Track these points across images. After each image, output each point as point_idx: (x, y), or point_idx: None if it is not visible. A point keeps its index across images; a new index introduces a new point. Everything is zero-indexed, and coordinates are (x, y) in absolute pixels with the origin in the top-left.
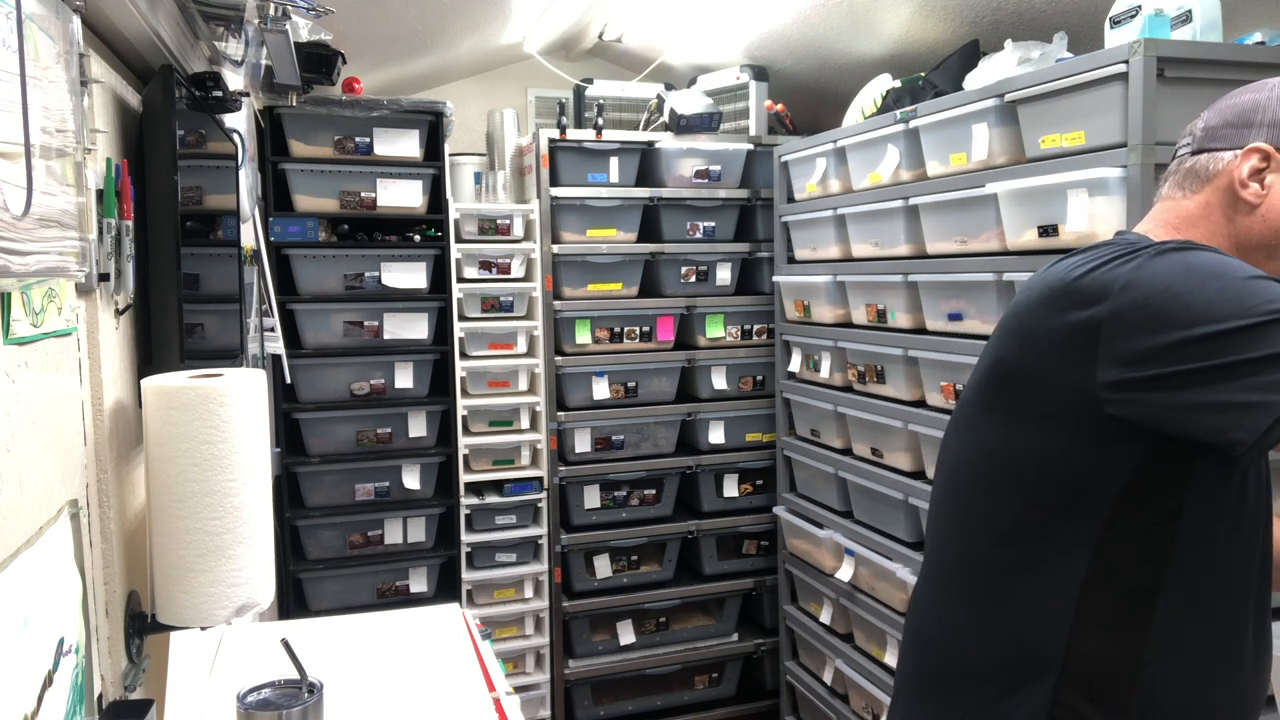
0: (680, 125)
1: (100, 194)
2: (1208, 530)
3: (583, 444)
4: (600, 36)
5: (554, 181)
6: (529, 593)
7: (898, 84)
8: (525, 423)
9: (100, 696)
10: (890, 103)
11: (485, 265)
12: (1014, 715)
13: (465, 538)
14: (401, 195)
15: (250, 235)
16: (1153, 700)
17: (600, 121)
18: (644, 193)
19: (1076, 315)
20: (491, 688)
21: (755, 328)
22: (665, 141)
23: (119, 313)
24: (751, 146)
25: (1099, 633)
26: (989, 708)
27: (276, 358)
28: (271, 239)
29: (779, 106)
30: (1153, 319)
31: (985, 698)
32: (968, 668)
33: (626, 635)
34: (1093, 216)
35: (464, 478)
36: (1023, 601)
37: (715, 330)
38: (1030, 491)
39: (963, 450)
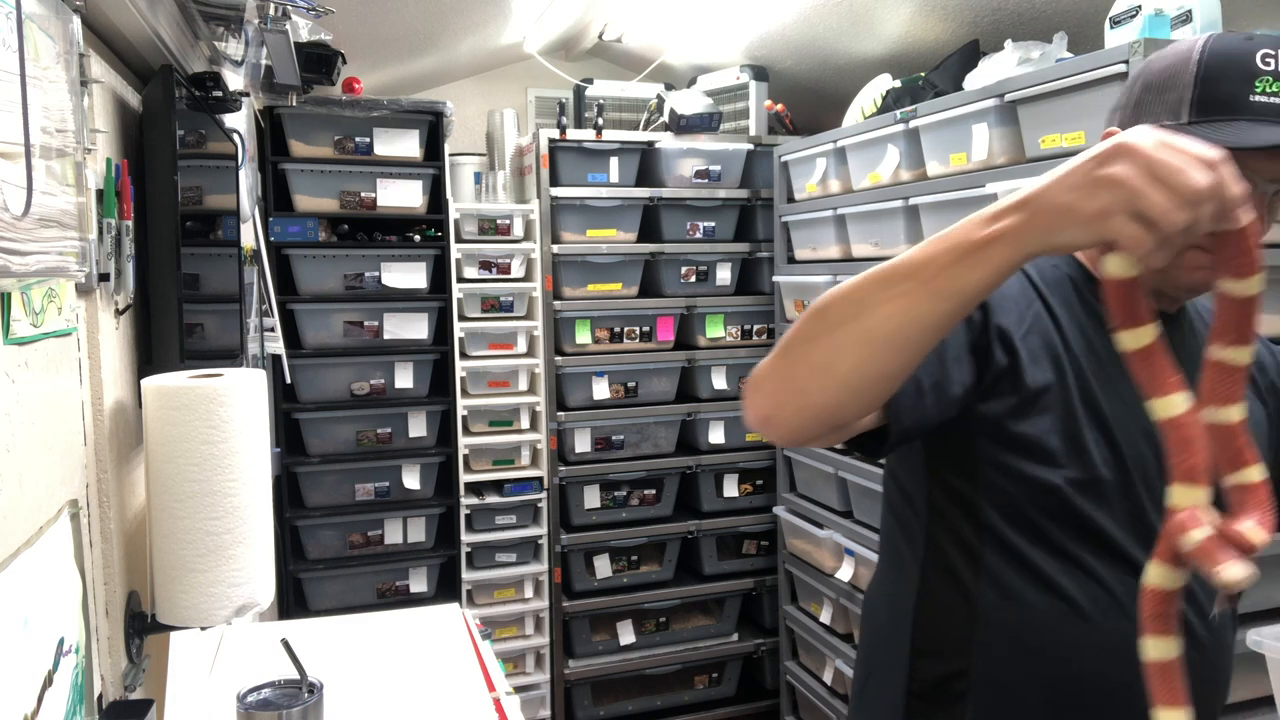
0: (680, 125)
1: (100, 194)
2: (1008, 518)
3: (583, 444)
4: (600, 36)
5: (554, 181)
6: (529, 593)
7: (898, 84)
8: (525, 423)
9: (100, 696)
10: (890, 103)
11: (485, 265)
12: (883, 693)
13: (465, 538)
14: (401, 195)
15: (250, 235)
16: (987, 680)
17: (600, 121)
18: (644, 193)
19: None
20: (491, 688)
21: (755, 328)
22: (665, 141)
23: (119, 313)
24: (751, 146)
25: (935, 620)
26: (859, 691)
27: (276, 358)
28: (271, 239)
29: (779, 106)
30: None
31: (858, 680)
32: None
33: (626, 635)
34: None
35: (464, 478)
36: (892, 589)
37: (715, 330)
38: (893, 485)
39: None
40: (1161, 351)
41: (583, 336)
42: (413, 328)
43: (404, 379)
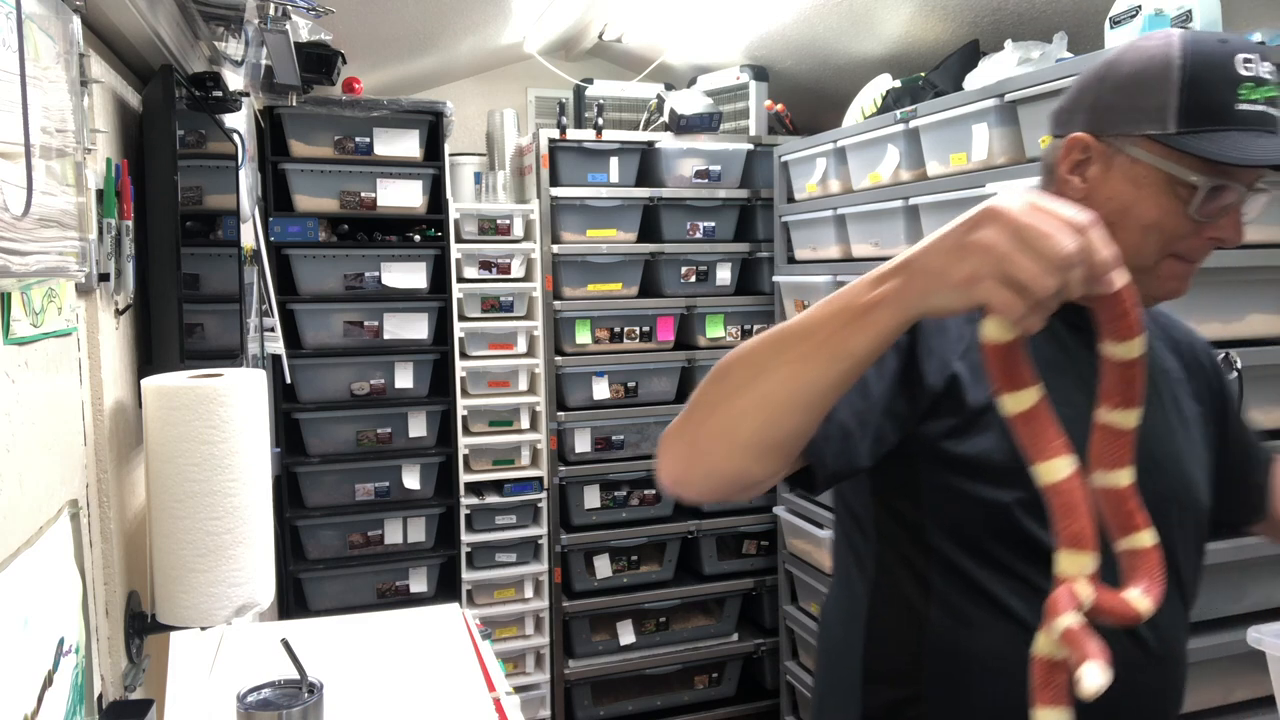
0: (680, 125)
1: (100, 194)
2: (955, 540)
3: (583, 444)
4: (600, 36)
5: (554, 181)
6: (529, 593)
7: (898, 84)
8: (525, 423)
9: (100, 696)
10: (890, 103)
11: (485, 265)
12: (839, 717)
13: (465, 538)
14: (401, 195)
15: (250, 235)
16: (941, 705)
17: (600, 121)
18: (644, 193)
19: None
20: (491, 688)
21: (755, 328)
22: (665, 141)
23: (119, 313)
24: (751, 146)
25: (886, 644)
26: (817, 713)
27: (276, 358)
28: (271, 239)
29: (779, 106)
30: None
31: (814, 702)
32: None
33: (626, 635)
34: None
35: (464, 478)
36: (845, 612)
37: (715, 330)
38: (842, 507)
39: None
40: (1045, 414)
41: (583, 336)
42: (413, 328)
43: (404, 379)
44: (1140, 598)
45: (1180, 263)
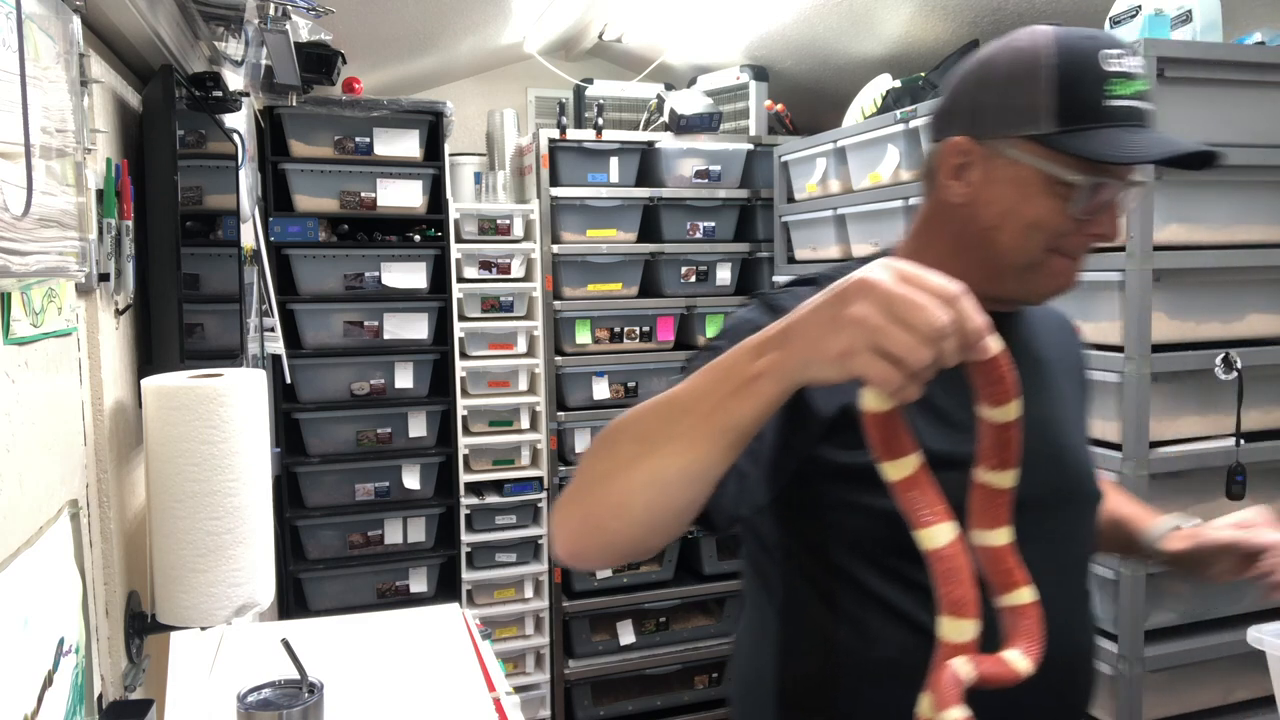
0: (680, 125)
1: (100, 194)
2: (857, 556)
3: (583, 444)
4: (600, 36)
5: (554, 181)
6: (529, 593)
7: (898, 84)
8: (525, 423)
9: (100, 696)
10: (890, 103)
11: (485, 265)
12: None
13: (465, 538)
14: (401, 195)
15: (250, 235)
16: None
17: (600, 121)
18: (644, 193)
19: None
20: (491, 688)
21: None
22: (665, 141)
23: (119, 313)
24: (751, 146)
25: (798, 668)
26: None
27: (276, 358)
28: (271, 239)
29: (779, 106)
30: None
31: None
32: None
33: (626, 635)
34: None
35: (464, 478)
36: (756, 637)
37: (715, 330)
38: (748, 530)
39: None
40: (925, 480)
41: (583, 336)
42: (413, 328)
43: (404, 379)
44: (1020, 658)
45: (1064, 259)
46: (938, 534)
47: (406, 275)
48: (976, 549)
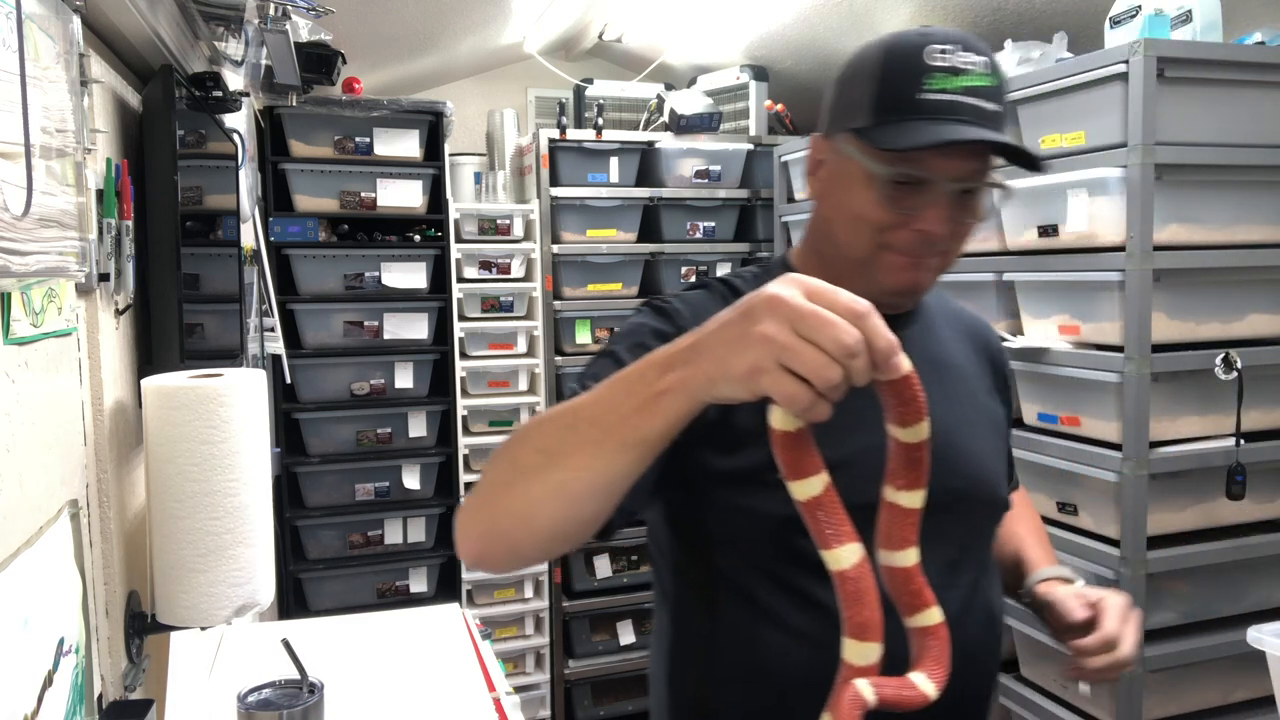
0: (680, 125)
1: (100, 194)
2: (737, 560)
3: None
4: (600, 36)
5: (554, 181)
6: (529, 593)
7: None
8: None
9: (100, 696)
10: None
11: (485, 265)
12: None
13: None
14: (401, 195)
15: (250, 235)
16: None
17: (600, 121)
18: (644, 193)
19: None
20: (491, 688)
21: None
22: (665, 141)
23: (119, 313)
24: (751, 146)
25: (686, 676)
26: None
27: (276, 358)
28: (271, 239)
29: (779, 106)
30: None
31: None
32: None
33: (626, 635)
34: (1092, 217)
35: (464, 478)
36: (655, 647)
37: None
38: (650, 540)
39: None
40: (832, 501)
41: (583, 336)
42: (413, 328)
43: (404, 379)
44: (925, 681)
45: (896, 255)
46: (844, 555)
47: (406, 275)
48: (884, 569)
